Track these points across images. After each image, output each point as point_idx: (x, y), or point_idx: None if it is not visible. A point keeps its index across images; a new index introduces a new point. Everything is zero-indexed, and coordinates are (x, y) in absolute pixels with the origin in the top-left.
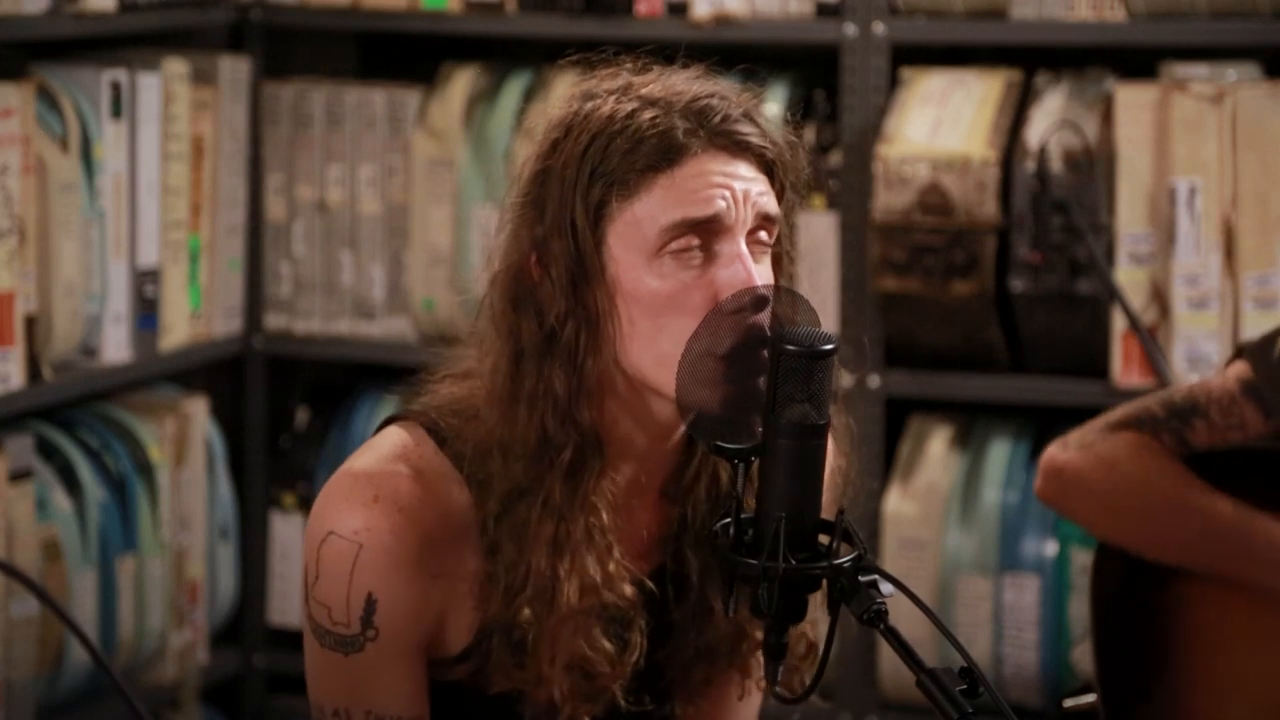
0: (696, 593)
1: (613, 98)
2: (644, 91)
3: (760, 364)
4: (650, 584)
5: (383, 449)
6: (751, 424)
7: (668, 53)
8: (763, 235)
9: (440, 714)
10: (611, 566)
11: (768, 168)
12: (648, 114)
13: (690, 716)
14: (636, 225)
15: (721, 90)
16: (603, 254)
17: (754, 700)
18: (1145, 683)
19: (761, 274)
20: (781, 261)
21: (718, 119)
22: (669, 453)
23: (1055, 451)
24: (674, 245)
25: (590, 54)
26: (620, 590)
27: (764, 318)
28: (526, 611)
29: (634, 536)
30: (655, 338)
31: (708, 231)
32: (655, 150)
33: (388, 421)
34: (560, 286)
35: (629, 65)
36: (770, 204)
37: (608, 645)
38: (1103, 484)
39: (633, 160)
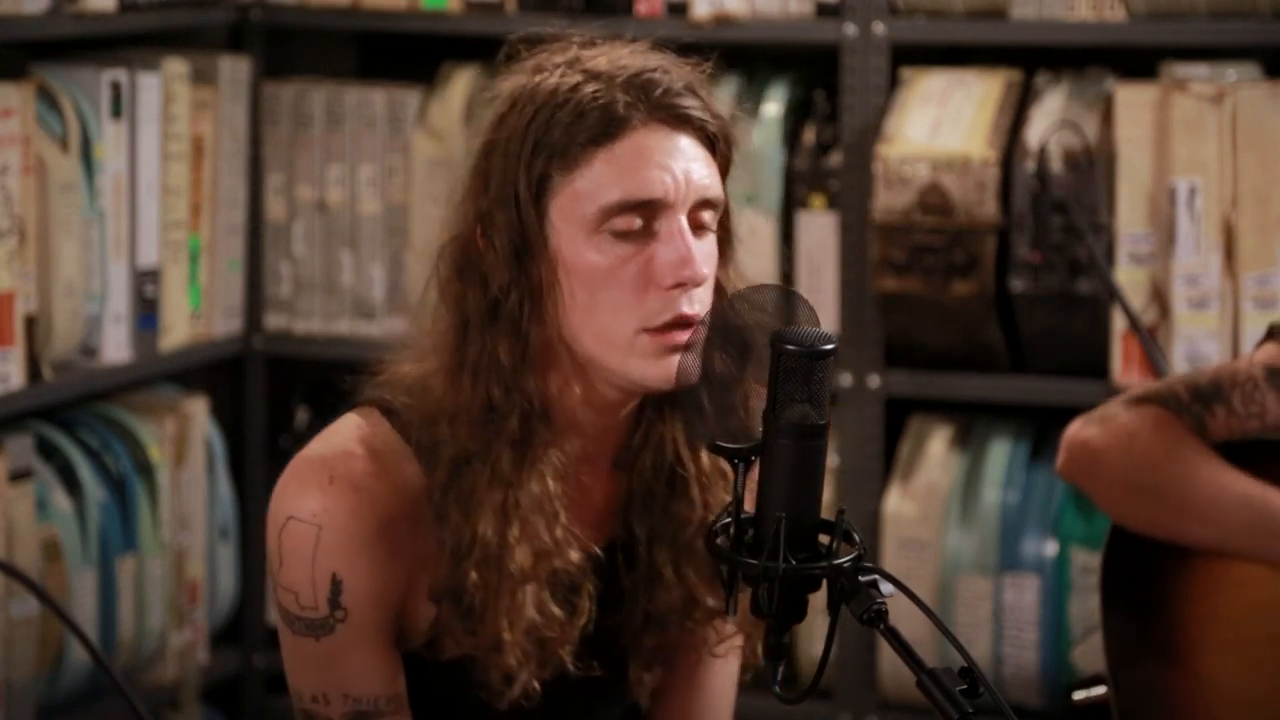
0: (645, 561)
1: (559, 71)
2: (589, 65)
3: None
4: (598, 550)
5: (337, 433)
6: (738, 416)
7: (617, 33)
8: (705, 216)
9: None
10: (559, 533)
11: (709, 141)
12: (590, 87)
13: (663, 687)
14: (577, 200)
15: (665, 63)
16: (545, 226)
17: (724, 671)
18: (1157, 673)
19: (702, 250)
20: (730, 242)
21: (659, 92)
22: (617, 425)
23: (1078, 427)
24: (613, 224)
25: (541, 29)
26: (567, 556)
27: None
28: (474, 575)
29: (587, 507)
30: (593, 311)
31: (648, 211)
32: (596, 124)
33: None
34: (504, 257)
35: (578, 39)
36: (712, 187)
37: (556, 610)
38: (1122, 459)
39: (574, 133)
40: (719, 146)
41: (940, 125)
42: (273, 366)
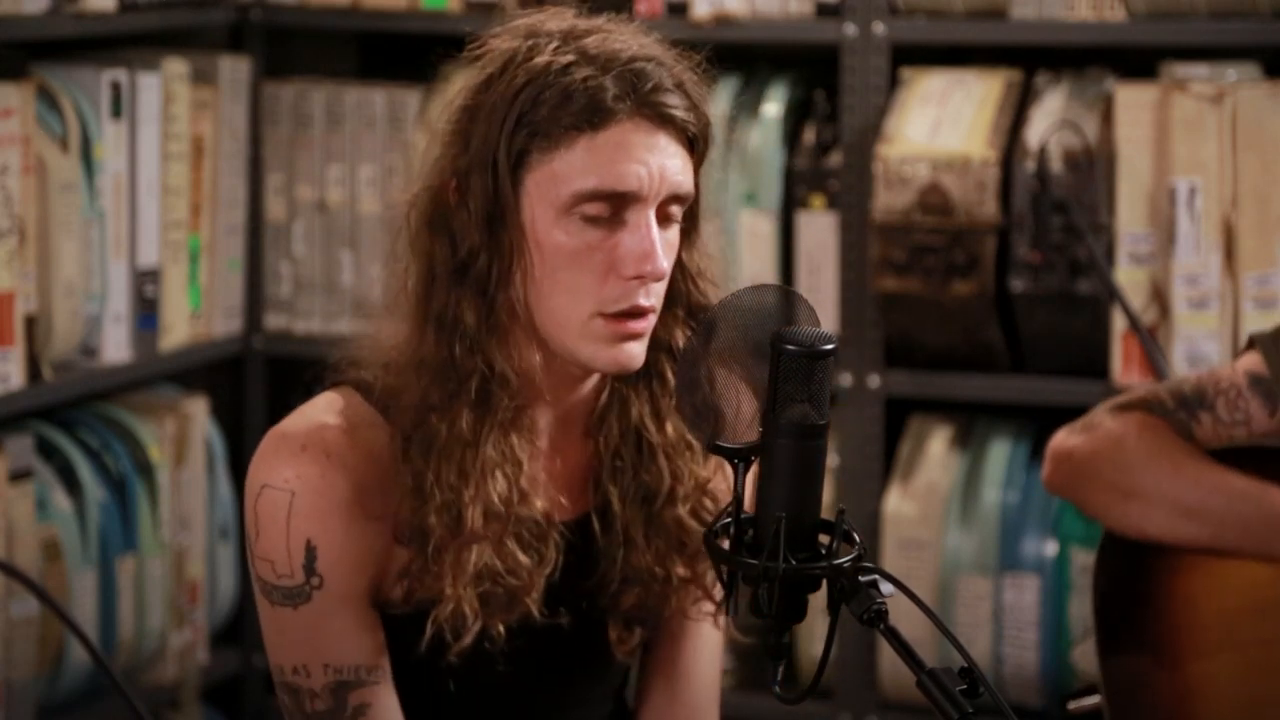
0: (619, 522)
1: (553, 44)
2: (584, 43)
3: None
4: (563, 500)
5: (308, 408)
6: (702, 392)
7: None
8: (673, 209)
9: None
10: (523, 482)
11: (690, 140)
12: (581, 72)
13: (645, 669)
14: (553, 180)
15: (659, 54)
16: (519, 198)
17: (706, 650)
18: (1149, 676)
19: (666, 243)
20: (694, 236)
21: (648, 87)
22: (583, 397)
23: (1063, 437)
24: (584, 209)
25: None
26: (532, 505)
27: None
28: (432, 519)
29: (564, 475)
30: (551, 290)
31: (620, 202)
32: (582, 110)
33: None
34: (476, 220)
35: (575, 11)
36: (685, 183)
37: (522, 556)
38: (1110, 465)
39: (559, 115)
40: (697, 145)
41: (940, 125)
42: (273, 366)
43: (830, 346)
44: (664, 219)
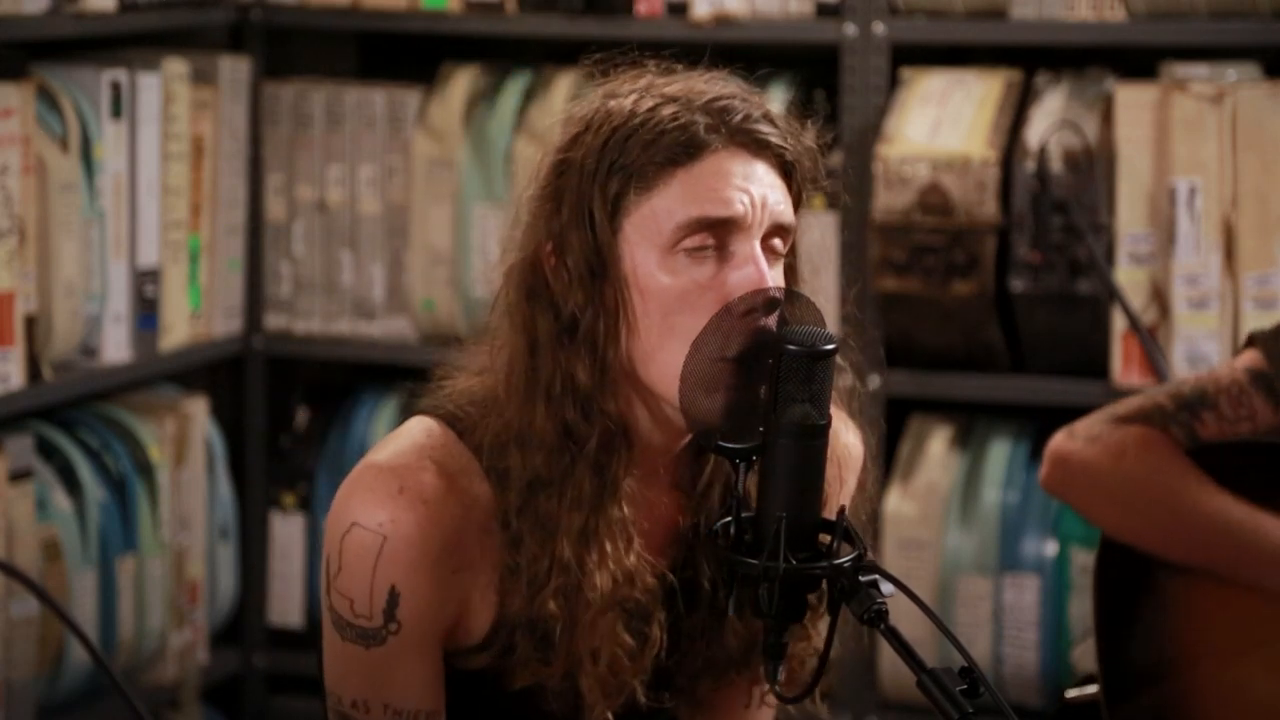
0: (709, 603)
1: (634, 94)
2: (666, 90)
3: (766, 369)
4: (671, 576)
5: (406, 441)
6: (754, 425)
7: (692, 58)
8: (776, 243)
9: (462, 706)
10: (633, 559)
11: (786, 170)
12: (668, 109)
13: None
14: (654, 219)
15: (743, 92)
16: (619, 246)
17: (765, 712)
18: (1148, 675)
19: (774, 278)
20: (796, 270)
21: (739, 118)
22: (682, 447)
23: (1062, 440)
24: (688, 242)
25: (612, 53)
26: (643, 583)
27: (773, 321)
28: (552, 605)
29: (648, 531)
30: (662, 339)
31: (723, 231)
32: (675, 145)
33: (411, 415)
34: (577, 278)
35: (652, 68)
36: (786, 213)
37: (629, 640)
38: (1108, 478)
39: (652, 154)
40: (794, 176)
41: (940, 125)
42: (273, 366)
43: (831, 346)
44: (769, 253)
